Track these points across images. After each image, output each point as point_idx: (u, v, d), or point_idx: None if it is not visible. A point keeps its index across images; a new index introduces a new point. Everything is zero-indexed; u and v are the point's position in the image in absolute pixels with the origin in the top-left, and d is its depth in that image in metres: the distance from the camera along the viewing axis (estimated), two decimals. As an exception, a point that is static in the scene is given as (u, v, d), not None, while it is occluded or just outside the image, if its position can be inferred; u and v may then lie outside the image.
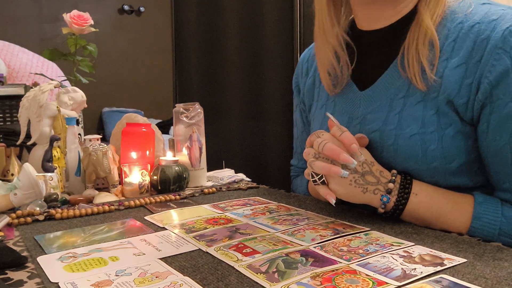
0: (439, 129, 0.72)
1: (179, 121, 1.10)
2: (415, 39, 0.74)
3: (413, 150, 0.74)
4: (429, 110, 0.73)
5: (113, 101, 3.96)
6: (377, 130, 0.78)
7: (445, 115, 0.72)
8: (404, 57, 0.75)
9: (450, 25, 0.73)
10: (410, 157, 0.74)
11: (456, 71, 0.71)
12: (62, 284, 0.54)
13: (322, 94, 0.93)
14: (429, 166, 0.73)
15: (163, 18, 3.98)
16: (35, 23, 3.61)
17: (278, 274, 0.55)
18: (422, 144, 0.73)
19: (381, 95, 0.79)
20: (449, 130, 0.72)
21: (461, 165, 0.72)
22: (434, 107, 0.72)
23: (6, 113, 1.45)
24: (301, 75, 1.02)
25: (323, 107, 0.91)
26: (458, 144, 0.72)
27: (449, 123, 0.72)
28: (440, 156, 0.72)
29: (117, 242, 0.69)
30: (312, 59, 0.99)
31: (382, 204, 0.73)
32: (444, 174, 0.73)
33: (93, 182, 1.03)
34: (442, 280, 0.52)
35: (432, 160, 0.72)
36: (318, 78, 0.94)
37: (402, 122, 0.75)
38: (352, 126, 0.82)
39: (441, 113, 0.72)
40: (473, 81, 0.69)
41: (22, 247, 0.68)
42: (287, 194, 1.00)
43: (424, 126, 0.73)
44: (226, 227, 0.75)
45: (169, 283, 0.54)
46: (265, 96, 1.88)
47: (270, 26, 1.85)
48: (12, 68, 2.28)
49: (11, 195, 0.86)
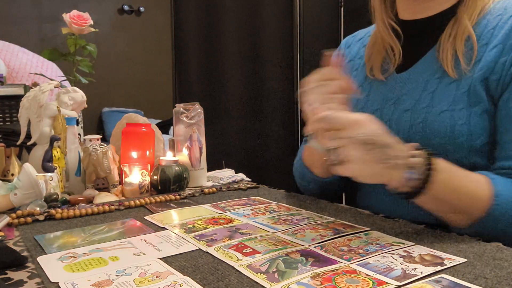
0: (467, 107, 0.76)
1: (179, 121, 1.10)
2: (452, 34, 0.80)
3: (441, 126, 0.77)
4: (461, 89, 0.77)
5: (113, 101, 3.95)
6: (409, 110, 0.81)
7: (475, 94, 0.76)
8: (441, 50, 0.80)
9: (489, 17, 0.80)
10: (438, 132, 0.77)
11: (493, 51, 0.76)
12: (62, 284, 0.54)
13: (359, 76, 0.95)
14: (455, 141, 0.76)
15: (163, 18, 3.97)
16: (35, 23, 3.61)
17: (278, 274, 0.55)
18: (451, 120, 0.76)
19: (417, 77, 0.84)
20: (477, 109, 0.76)
21: (484, 145, 0.76)
22: (466, 85, 0.77)
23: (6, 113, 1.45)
24: None
25: (360, 87, 0.93)
26: (483, 123, 0.76)
27: (478, 102, 0.76)
28: (466, 132, 0.75)
29: (117, 242, 0.69)
30: (354, 45, 1.02)
31: (407, 178, 0.67)
32: (468, 151, 0.76)
33: (93, 182, 1.03)
34: (442, 280, 0.52)
35: (459, 135, 0.76)
36: (356, 63, 0.98)
37: (434, 100, 0.79)
38: (387, 106, 0.86)
39: (471, 91, 0.76)
40: (507, 59, 0.75)
41: (22, 247, 0.68)
42: (287, 194, 1.00)
43: (455, 103, 0.77)
44: (226, 227, 0.75)
45: (169, 283, 0.54)
46: (265, 96, 1.88)
47: (270, 26, 1.85)
48: (12, 68, 2.28)
49: (11, 195, 0.86)
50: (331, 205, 0.89)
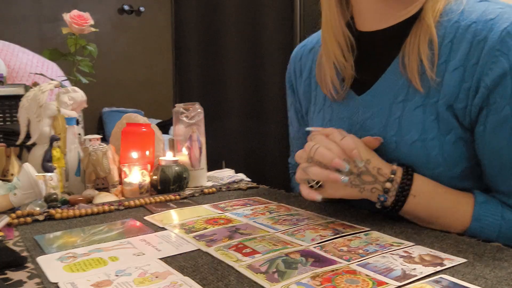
0: (439, 136, 0.71)
1: (179, 121, 1.10)
2: (417, 36, 0.71)
3: (415, 157, 0.72)
4: (429, 116, 0.71)
5: (113, 101, 3.95)
6: (379, 136, 0.76)
7: (445, 121, 0.70)
8: (406, 54, 0.73)
9: (446, 24, 0.71)
10: (413, 163, 0.72)
11: (454, 74, 0.69)
12: (62, 284, 0.54)
13: (319, 97, 0.90)
14: (433, 172, 0.72)
15: (163, 18, 3.97)
16: (35, 23, 3.60)
17: (278, 274, 0.55)
18: (424, 151, 0.71)
19: (380, 99, 0.77)
20: (449, 137, 0.70)
21: (464, 170, 0.71)
22: (434, 112, 0.71)
23: (6, 113, 1.45)
24: (294, 74, 0.98)
25: (321, 111, 0.88)
26: (459, 150, 0.71)
27: (449, 129, 0.70)
28: (442, 162, 0.71)
29: (117, 242, 0.69)
30: (305, 57, 0.95)
31: (379, 203, 0.72)
32: (449, 179, 0.72)
33: (93, 182, 1.03)
34: (442, 280, 0.52)
35: (435, 166, 0.71)
36: (314, 80, 0.91)
37: (402, 127, 0.73)
38: (354, 131, 0.79)
39: (441, 118, 0.70)
40: (471, 85, 0.67)
41: (22, 247, 0.68)
42: (287, 194, 1.00)
43: (425, 133, 0.71)
44: (226, 227, 0.75)
45: (169, 283, 0.54)
46: (265, 96, 1.88)
47: (270, 26, 1.85)
48: (12, 68, 2.28)
49: (11, 195, 0.86)
50: (331, 205, 0.89)
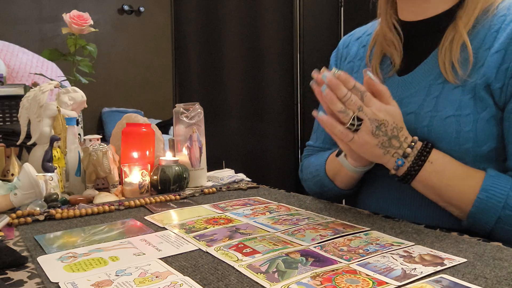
0: (474, 112, 0.75)
1: (179, 121, 1.10)
2: (449, 40, 0.79)
3: (447, 131, 0.76)
4: (466, 95, 0.75)
5: (113, 101, 3.95)
6: (413, 112, 0.80)
7: (481, 99, 0.75)
8: (440, 55, 0.79)
9: (494, 18, 0.78)
10: (443, 138, 0.76)
11: (495, 56, 0.74)
12: (62, 284, 0.54)
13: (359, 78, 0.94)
14: (461, 147, 0.75)
15: (163, 18, 3.97)
16: (35, 23, 3.61)
17: (278, 274, 0.55)
18: (457, 126, 0.75)
19: (419, 80, 0.82)
20: (484, 114, 0.74)
21: (491, 150, 0.75)
22: (472, 91, 0.75)
23: (6, 113, 1.45)
24: (340, 58, 1.04)
25: None
26: (491, 128, 0.74)
27: (485, 107, 0.75)
28: (473, 138, 0.74)
29: (117, 242, 0.69)
30: (352, 44, 1.01)
31: (396, 166, 0.74)
32: (474, 157, 0.75)
33: (93, 182, 1.03)
34: (442, 280, 0.52)
35: (465, 141, 0.75)
36: (356, 64, 0.97)
37: (438, 105, 0.78)
38: None
39: (477, 97, 0.75)
40: (509, 66, 0.73)
41: (22, 247, 0.68)
42: (287, 194, 1.00)
43: (460, 109, 0.75)
44: (226, 227, 0.75)
45: (169, 283, 0.54)
46: (265, 96, 1.88)
47: (270, 26, 1.85)
48: (12, 68, 2.28)
49: (11, 195, 0.86)
50: (331, 205, 0.89)
